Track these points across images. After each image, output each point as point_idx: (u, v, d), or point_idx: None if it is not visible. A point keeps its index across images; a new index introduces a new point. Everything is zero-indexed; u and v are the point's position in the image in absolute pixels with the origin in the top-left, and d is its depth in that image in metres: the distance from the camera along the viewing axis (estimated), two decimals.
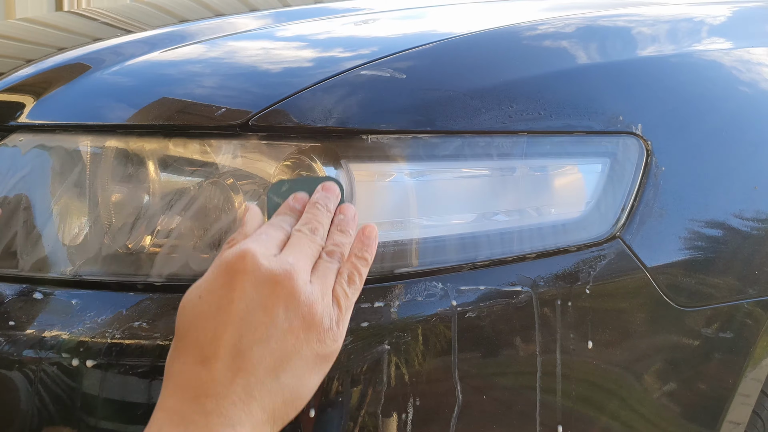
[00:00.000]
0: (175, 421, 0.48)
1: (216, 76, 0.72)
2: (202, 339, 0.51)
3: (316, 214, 0.58)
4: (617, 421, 0.72)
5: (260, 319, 0.51)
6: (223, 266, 0.52)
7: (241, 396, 0.49)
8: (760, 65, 0.93)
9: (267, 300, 0.51)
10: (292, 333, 0.51)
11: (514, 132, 0.69)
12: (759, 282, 0.80)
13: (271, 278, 0.51)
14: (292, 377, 0.51)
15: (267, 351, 0.51)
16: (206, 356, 0.50)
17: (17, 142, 0.71)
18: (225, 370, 0.50)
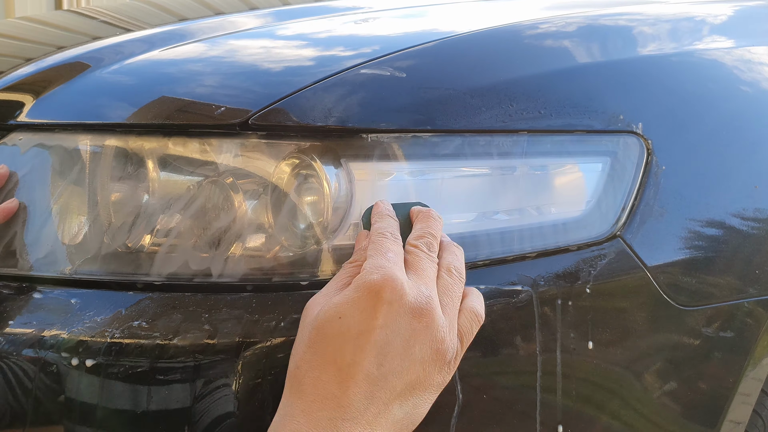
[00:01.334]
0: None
1: (216, 74, 0.72)
2: (340, 361, 0.52)
3: (431, 225, 0.60)
4: (618, 421, 0.72)
5: (397, 349, 0.53)
6: (367, 290, 0.53)
7: (371, 422, 0.51)
8: (761, 64, 0.93)
9: (406, 332, 0.53)
10: (422, 365, 0.54)
11: (515, 131, 0.69)
12: (759, 281, 0.80)
13: (412, 311, 0.53)
14: (412, 406, 0.54)
15: (399, 381, 0.53)
16: (344, 378, 0.52)
17: (17, 141, 0.71)
18: (361, 396, 0.51)
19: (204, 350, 0.58)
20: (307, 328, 0.55)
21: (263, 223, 0.64)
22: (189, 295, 0.62)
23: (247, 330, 0.59)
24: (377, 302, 0.53)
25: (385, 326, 0.53)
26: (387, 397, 0.52)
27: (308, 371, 0.53)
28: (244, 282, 0.63)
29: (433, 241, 0.59)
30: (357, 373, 0.52)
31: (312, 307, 0.56)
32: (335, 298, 0.54)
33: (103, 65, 0.77)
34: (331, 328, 0.53)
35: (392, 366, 0.53)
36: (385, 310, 0.53)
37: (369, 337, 0.52)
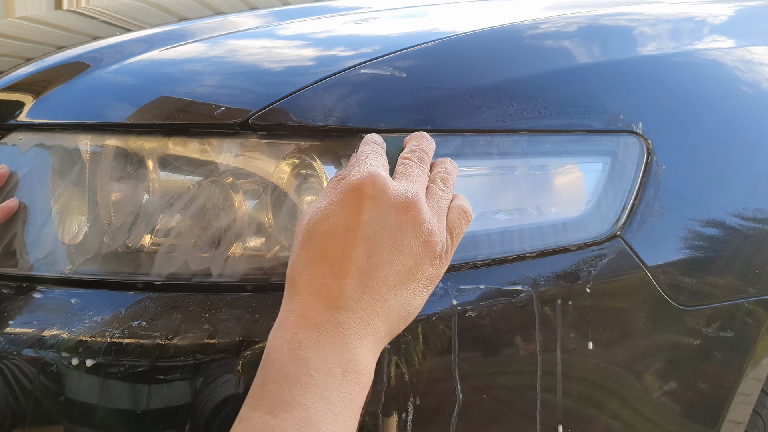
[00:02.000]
0: (308, 326, 0.52)
1: (216, 74, 0.72)
2: (331, 256, 0.54)
3: (423, 143, 0.62)
4: (618, 421, 0.72)
5: (386, 241, 0.55)
6: (351, 189, 0.55)
7: (367, 311, 0.53)
8: (761, 65, 0.93)
9: (392, 224, 0.55)
10: (412, 256, 0.56)
11: (515, 131, 0.69)
12: (759, 281, 0.80)
13: (397, 204, 0.55)
14: (407, 296, 0.56)
15: (390, 271, 0.55)
16: (336, 272, 0.53)
17: (17, 140, 0.71)
18: (354, 286, 0.53)
19: (204, 350, 0.58)
20: (299, 234, 0.56)
21: (263, 223, 0.64)
22: (189, 295, 0.62)
23: (248, 330, 0.59)
24: (361, 198, 0.55)
25: (371, 220, 0.54)
26: (379, 287, 0.54)
27: (302, 270, 0.54)
28: (244, 282, 0.63)
29: (424, 155, 0.61)
30: (348, 266, 0.54)
31: (302, 216, 0.58)
32: (322, 201, 0.56)
33: (103, 65, 0.77)
34: (320, 228, 0.55)
35: (381, 257, 0.54)
36: (369, 204, 0.55)
37: (356, 231, 0.54)
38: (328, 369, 0.50)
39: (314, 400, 0.49)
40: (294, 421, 0.48)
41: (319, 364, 0.50)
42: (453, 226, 0.59)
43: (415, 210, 0.56)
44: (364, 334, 0.53)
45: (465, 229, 0.60)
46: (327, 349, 0.51)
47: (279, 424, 0.48)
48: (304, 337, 0.51)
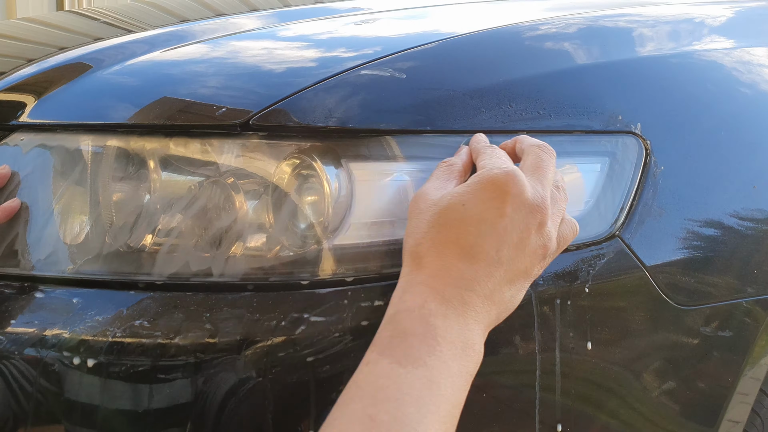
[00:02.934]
0: (438, 299, 0.56)
1: (217, 75, 0.72)
2: (463, 241, 0.57)
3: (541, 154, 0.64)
4: (616, 420, 0.72)
5: (515, 238, 0.58)
6: (491, 183, 0.58)
7: (489, 298, 0.57)
8: (760, 66, 0.93)
9: (522, 224, 0.58)
10: (530, 257, 0.59)
11: (514, 131, 0.69)
12: (758, 281, 0.80)
13: (530, 206, 0.58)
14: (516, 291, 0.60)
15: (511, 267, 0.58)
16: (466, 256, 0.57)
17: (18, 141, 0.71)
18: (483, 273, 0.57)
19: (205, 349, 0.59)
20: (425, 213, 0.59)
21: (264, 223, 0.64)
22: (190, 295, 0.62)
23: (249, 329, 0.59)
24: (501, 194, 0.58)
25: (506, 216, 0.57)
26: (501, 279, 0.58)
27: (431, 247, 0.58)
28: (245, 281, 0.63)
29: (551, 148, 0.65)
30: (479, 253, 0.57)
31: (422, 195, 0.61)
32: (457, 189, 0.59)
33: (105, 66, 0.77)
34: (454, 212, 0.58)
35: (508, 253, 0.58)
36: (508, 200, 0.58)
37: (491, 224, 0.57)
38: (451, 340, 0.54)
39: (437, 363, 0.53)
40: (419, 376, 0.52)
41: (445, 333, 0.54)
42: (563, 236, 0.63)
43: (543, 214, 0.59)
44: (482, 318, 0.57)
45: (570, 242, 0.64)
46: (452, 323, 0.55)
47: (406, 374, 0.52)
48: (434, 307, 0.55)
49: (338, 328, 0.60)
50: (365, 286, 0.62)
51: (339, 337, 0.60)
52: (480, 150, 0.64)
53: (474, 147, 0.65)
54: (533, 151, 0.64)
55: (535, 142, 0.65)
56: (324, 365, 0.59)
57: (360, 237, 0.64)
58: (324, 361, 0.59)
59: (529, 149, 0.64)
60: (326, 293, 0.62)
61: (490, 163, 0.61)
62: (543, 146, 0.64)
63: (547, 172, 0.62)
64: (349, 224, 0.64)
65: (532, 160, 0.63)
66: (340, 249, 0.64)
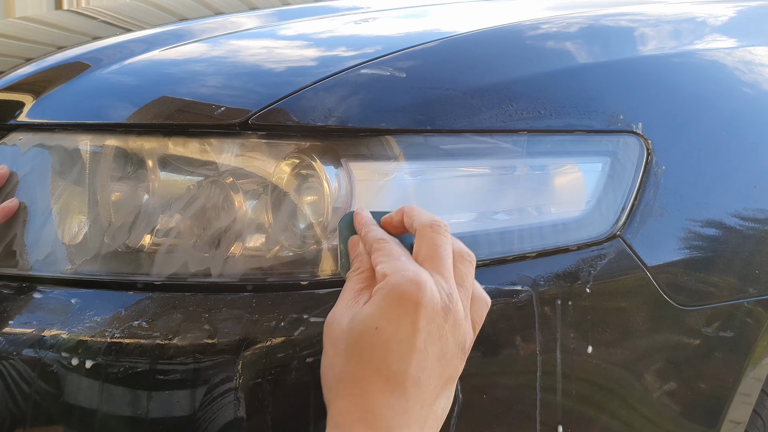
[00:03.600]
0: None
1: (215, 74, 0.72)
2: (386, 371, 0.53)
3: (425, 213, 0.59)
4: (617, 421, 0.72)
5: (434, 350, 0.54)
6: (399, 298, 0.53)
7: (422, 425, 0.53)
8: (762, 65, 0.93)
9: (438, 332, 0.54)
10: (452, 361, 0.55)
11: (515, 131, 0.69)
12: (759, 281, 0.80)
13: (442, 311, 0.54)
14: (446, 400, 0.56)
15: (438, 381, 0.54)
16: (393, 388, 0.52)
17: (17, 141, 0.71)
18: (413, 400, 0.53)
19: (204, 350, 0.58)
20: (340, 342, 0.55)
21: (263, 223, 0.64)
22: (189, 295, 0.62)
23: (247, 330, 0.59)
24: (412, 308, 0.53)
25: (421, 330, 0.53)
26: (431, 398, 0.54)
27: (354, 384, 0.53)
28: (244, 282, 0.63)
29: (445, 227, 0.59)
30: (404, 381, 0.53)
31: (334, 321, 0.56)
32: (365, 309, 0.55)
33: (104, 65, 0.77)
34: (369, 339, 0.53)
35: (433, 368, 0.54)
36: (420, 313, 0.53)
37: (409, 343, 0.53)
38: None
39: None
40: None
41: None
42: (477, 319, 0.59)
43: (455, 314, 0.55)
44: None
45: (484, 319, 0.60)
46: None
47: None
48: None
49: None
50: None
51: None
52: (372, 246, 0.59)
53: (364, 235, 0.60)
54: (426, 234, 0.58)
55: (426, 220, 0.59)
56: None
57: None
58: None
59: (422, 232, 0.58)
60: (326, 293, 0.62)
61: (390, 267, 0.55)
62: (434, 226, 0.58)
63: (446, 259, 0.57)
64: None
65: (427, 249, 0.57)
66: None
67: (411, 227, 0.60)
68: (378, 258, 0.57)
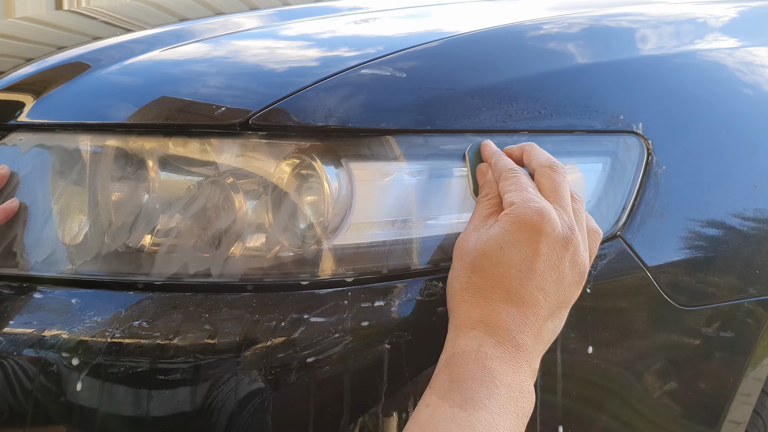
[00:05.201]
0: (492, 343, 0.57)
1: (216, 74, 0.72)
2: (508, 285, 0.59)
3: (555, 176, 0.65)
4: (618, 421, 0.72)
5: (553, 275, 0.60)
6: (524, 224, 0.60)
7: (537, 336, 0.59)
8: (762, 66, 0.93)
9: (557, 259, 0.60)
10: (569, 287, 0.61)
11: (515, 131, 0.69)
12: (760, 281, 0.80)
13: (562, 241, 0.60)
14: (558, 322, 0.62)
15: (553, 302, 0.60)
16: (515, 300, 0.59)
17: (17, 141, 0.71)
18: (530, 315, 0.59)
19: (204, 350, 0.58)
20: (467, 257, 0.61)
21: (263, 223, 0.64)
22: (189, 295, 0.62)
23: (248, 330, 0.59)
24: (534, 234, 0.59)
25: (542, 255, 0.59)
26: (545, 316, 0.60)
27: (477, 293, 0.59)
28: (244, 282, 0.63)
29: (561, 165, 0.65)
30: (524, 296, 0.59)
31: (464, 240, 0.62)
32: (491, 230, 0.61)
33: (104, 65, 0.77)
34: (494, 256, 0.59)
35: (549, 290, 0.60)
36: (542, 240, 0.59)
37: (530, 264, 0.59)
38: (508, 383, 0.56)
39: (496, 406, 0.55)
40: (479, 418, 0.54)
41: (502, 376, 0.56)
42: (592, 250, 0.64)
43: (575, 244, 0.61)
44: (532, 359, 0.59)
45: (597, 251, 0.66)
46: (507, 366, 0.57)
47: (467, 417, 0.53)
48: (489, 351, 0.57)
49: (338, 329, 0.60)
50: (365, 287, 0.62)
51: (339, 338, 0.60)
52: (501, 170, 0.65)
53: (494, 163, 0.66)
54: (546, 173, 0.64)
55: (545, 161, 0.65)
56: (324, 366, 0.59)
57: (360, 237, 0.64)
58: (324, 362, 0.59)
59: (542, 171, 0.64)
60: (326, 294, 0.62)
61: (519, 197, 0.61)
62: (555, 166, 0.65)
63: (566, 194, 0.63)
64: (349, 224, 0.64)
65: (549, 184, 0.63)
66: (340, 249, 0.63)
67: (529, 164, 0.66)
68: (507, 186, 0.63)
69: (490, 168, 0.66)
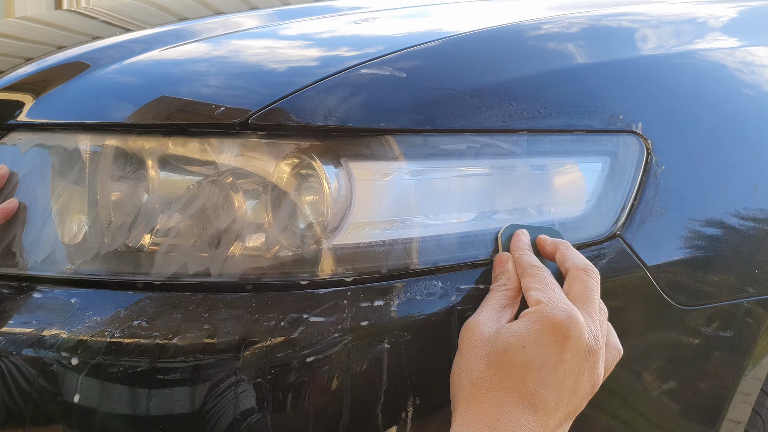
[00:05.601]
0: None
1: (215, 74, 0.72)
2: (523, 389, 0.56)
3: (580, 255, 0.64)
4: (617, 420, 0.72)
5: (569, 385, 0.58)
6: (552, 326, 0.57)
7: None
8: (762, 66, 0.93)
9: (578, 368, 0.58)
10: (581, 398, 0.59)
11: (515, 131, 0.69)
12: (759, 281, 0.80)
13: (587, 349, 0.58)
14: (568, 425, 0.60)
15: (564, 412, 0.58)
16: (525, 405, 0.56)
17: (16, 140, 0.71)
18: (541, 423, 0.56)
19: (204, 350, 0.58)
20: (481, 348, 0.58)
21: (263, 223, 0.64)
22: (189, 295, 0.62)
23: (247, 329, 0.59)
24: (561, 339, 0.57)
25: (565, 362, 0.57)
26: (554, 425, 0.57)
27: (489, 392, 0.57)
28: (243, 281, 0.63)
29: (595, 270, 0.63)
30: (539, 403, 0.56)
31: (478, 327, 0.60)
32: (515, 326, 0.58)
33: (103, 65, 0.77)
34: (514, 355, 0.57)
35: (563, 399, 0.57)
36: (569, 346, 0.57)
37: (551, 370, 0.57)
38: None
39: None
40: None
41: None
42: (608, 365, 0.62)
43: (597, 356, 0.59)
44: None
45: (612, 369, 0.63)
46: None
47: None
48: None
49: (338, 329, 0.60)
50: (365, 286, 0.62)
51: (338, 338, 0.60)
52: (527, 271, 0.63)
53: (518, 257, 0.64)
54: (580, 276, 0.62)
55: (581, 263, 0.63)
56: (323, 366, 0.59)
57: (359, 237, 0.64)
58: (323, 361, 0.59)
59: (576, 273, 0.63)
60: (325, 293, 0.62)
61: (547, 297, 0.59)
62: (588, 270, 0.63)
63: (596, 302, 0.61)
64: (348, 224, 0.64)
65: (580, 288, 0.61)
66: (339, 249, 0.63)
67: (562, 263, 0.64)
68: (532, 283, 0.61)
69: (513, 260, 0.64)
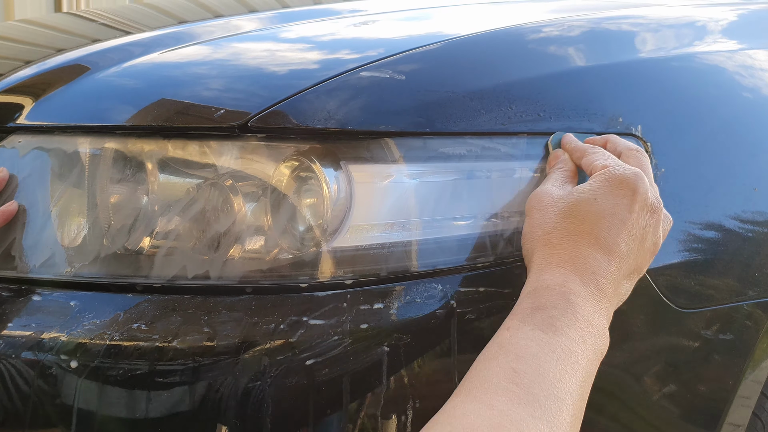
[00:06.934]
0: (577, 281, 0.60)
1: (215, 77, 0.72)
2: (597, 233, 0.62)
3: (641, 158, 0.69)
4: (617, 423, 0.72)
5: (637, 237, 0.63)
6: (621, 181, 0.63)
7: (616, 288, 0.62)
8: (762, 69, 0.93)
9: (644, 223, 0.63)
10: (646, 254, 0.64)
11: (514, 133, 0.69)
12: (759, 284, 0.80)
13: (651, 206, 0.64)
14: (630, 285, 0.65)
15: (633, 263, 0.63)
16: (602, 248, 0.61)
17: (16, 143, 0.71)
18: (614, 264, 0.61)
19: (203, 353, 0.58)
20: (551, 207, 0.64)
21: (262, 226, 0.64)
22: (188, 298, 0.62)
23: (247, 332, 0.59)
24: (630, 192, 0.62)
25: (634, 213, 0.62)
26: (625, 272, 0.62)
27: (564, 236, 0.62)
28: (243, 284, 0.62)
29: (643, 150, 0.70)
30: (611, 245, 0.61)
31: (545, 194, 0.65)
32: (586, 185, 0.64)
33: (103, 68, 0.77)
34: (586, 206, 0.62)
35: (632, 249, 0.62)
36: (637, 199, 0.62)
37: (622, 218, 0.62)
38: (588, 319, 0.58)
39: (576, 336, 0.57)
40: (559, 343, 0.56)
41: (584, 312, 0.58)
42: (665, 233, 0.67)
43: (659, 215, 0.64)
44: (610, 306, 0.61)
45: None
46: (588, 305, 0.59)
47: (547, 339, 0.56)
48: (573, 287, 0.59)
49: (337, 331, 0.60)
50: (364, 289, 0.62)
51: (338, 340, 0.60)
52: (584, 149, 0.68)
53: (573, 147, 0.69)
54: (633, 154, 0.68)
55: (631, 145, 0.69)
56: (323, 368, 0.59)
57: (359, 239, 0.64)
58: (323, 364, 0.59)
59: (628, 152, 0.68)
60: (325, 296, 0.62)
61: (610, 162, 0.65)
62: (641, 150, 0.69)
63: (651, 174, 0.67)
64: (348, 226, 0.64)
65: (636, 163, 0.67)
66: (339, 251, 0.63)
67: (615, 149, 0.69)
68: (595, 158, 0.67)
69: (567, 150, 0.70)
